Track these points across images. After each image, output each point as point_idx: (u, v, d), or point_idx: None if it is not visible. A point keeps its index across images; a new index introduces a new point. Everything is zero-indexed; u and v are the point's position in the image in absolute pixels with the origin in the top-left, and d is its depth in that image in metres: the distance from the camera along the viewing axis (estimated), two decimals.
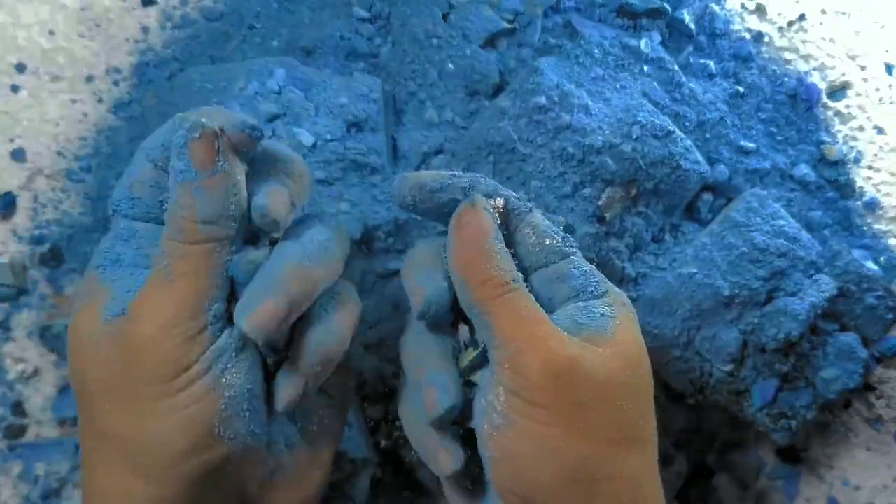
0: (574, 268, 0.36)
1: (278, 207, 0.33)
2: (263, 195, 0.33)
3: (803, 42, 0.53)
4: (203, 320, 0.32)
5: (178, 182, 0.32)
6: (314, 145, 0.45)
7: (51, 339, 0.47)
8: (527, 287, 0.35)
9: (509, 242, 0.36)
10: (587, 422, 0.33)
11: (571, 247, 0.37)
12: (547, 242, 0.36)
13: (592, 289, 0.36)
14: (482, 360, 0.36)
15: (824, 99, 0.52)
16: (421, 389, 0.35)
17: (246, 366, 0.33)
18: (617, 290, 0.37)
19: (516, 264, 0.35)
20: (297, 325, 0.34)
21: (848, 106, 0.52)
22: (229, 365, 0.32)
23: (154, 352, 0.31)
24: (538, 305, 0.34)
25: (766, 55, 0.52)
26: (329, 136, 0.45)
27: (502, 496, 0.34)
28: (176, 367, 0.31)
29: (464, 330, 0.37)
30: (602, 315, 0.35)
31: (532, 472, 0.33)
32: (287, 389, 0.33)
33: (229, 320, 0.33)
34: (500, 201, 0.36)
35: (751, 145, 0.50)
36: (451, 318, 0.37)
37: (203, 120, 0.32)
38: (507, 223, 0.36)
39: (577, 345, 0.33)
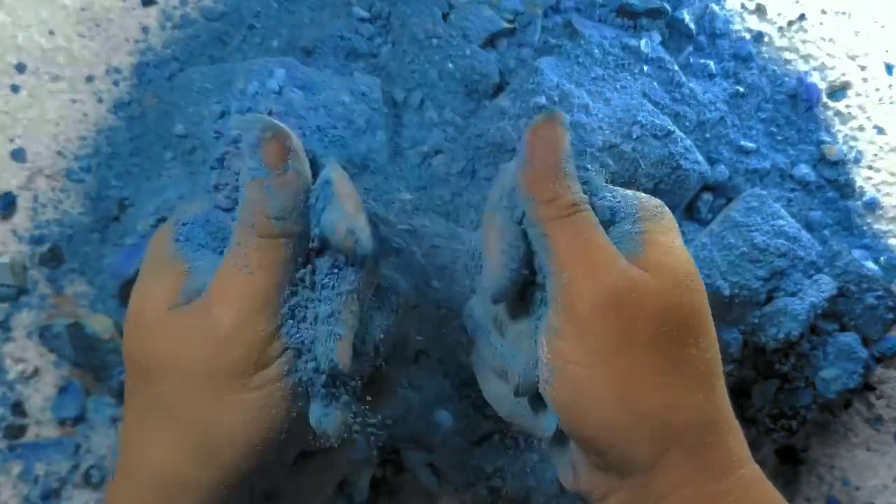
0: (610, 192, 0.35)
1: (365, 231, 0.33)
2: (347, 216, 0.33)
3: (803, 42, 0.53)
4: (279, 318, 0.32)
5: (250, 178, 0.32)
6: (315, 145, 0.45)
7: (50, 339, 0.47)
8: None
9: None
10: (634, 349, 0.32)
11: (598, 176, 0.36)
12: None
13: (625, 210, 0.35)
14: None
15: (824, 99, 0.52)
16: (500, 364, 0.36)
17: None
18: (645, 197, 0.36)
19: None
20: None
21: (848, 106, 0.52)
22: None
23: (235, 343, 0.31)
24: (602, 230, 0.33)
25: (766, 55, 0.52)
26: (329, 137, 0.45)
27: (577, 443, 0.34)
28: (256, 364, 0.31)
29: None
30: (632, 234, 0.34)
31: (594, 417, 0.32)
32: (340, 345, 0.33)
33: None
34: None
35: (751, 145, 0.50)
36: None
37: (276, 121, 0.33)
38: None
39: (630, 271, 0.32)
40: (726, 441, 0.33)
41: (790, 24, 0.53)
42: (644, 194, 0.36)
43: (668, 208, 0.36)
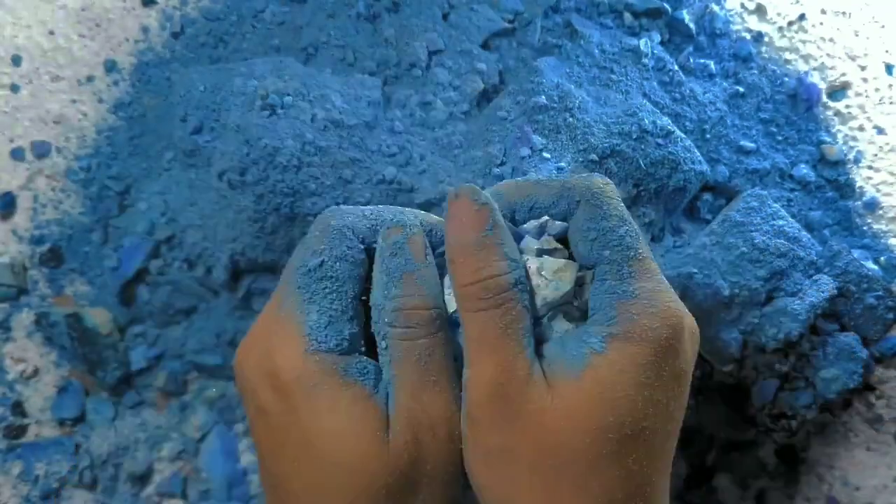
0: (601, 280, 0.32)
1: None
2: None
3: (803, 42, 0.53)
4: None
5: (403, 272, 0.32)
6: (315, 145, 0.45)
7: (47, 327, 0.47)
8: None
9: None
10: (512, 473, 0.30)
11: (618, 250, 0.32)
12: (591, 237, 0.32)
13: (605, 311, 0.31)
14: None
15: (824, 99, 0.52)
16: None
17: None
18: (639, 308, 0.31)
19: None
20: None
21: (848, 106, 0.52)
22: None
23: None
24: (522, 328, 0.30)
25: (766, 55, 0.52)
26: (329, 137, 0.45)
27: None
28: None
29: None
30: (585, 352, 0.30)
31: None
32: None
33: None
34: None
35: (751, 145, 0.50)
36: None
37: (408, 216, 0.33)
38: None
39: (532, 385, 0.30)
40: None
41: (790, 24, 0.53)
42: (645, 300, 0.31)
43: (666, 331, 0.31)
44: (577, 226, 0.33)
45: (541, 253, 0.33)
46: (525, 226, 0.34)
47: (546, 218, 0.34)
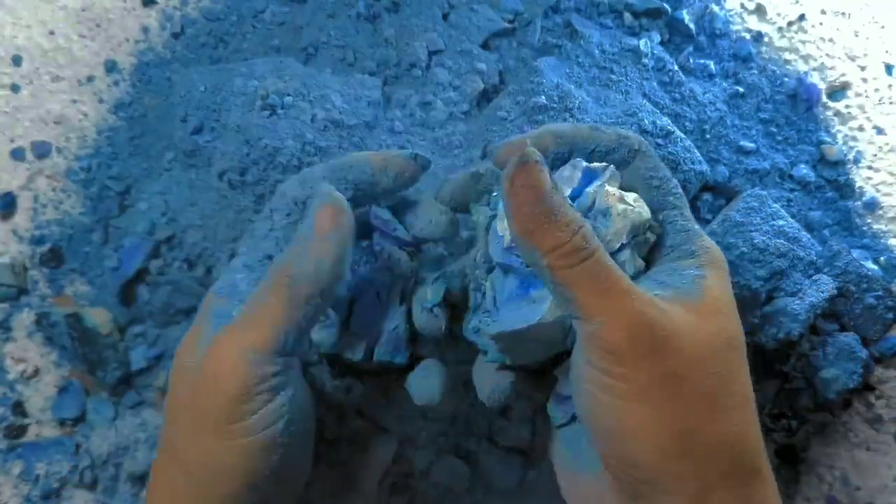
0: (671, 222, 0.36)
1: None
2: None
3: (803, 42, 0.53)
4: (267, 373, 0.33)
5: (296, 236, 0.34)
6: (315, 145, 0.45)
7: (47, 326, 0.47)
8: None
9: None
10: (680, 393, 0.31)
11: (678, 197, 0.36)
12: (654, 184, 0.36)
13: (687, 246, 0.35)
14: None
15: (824, 99, 0.52)
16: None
17: (302, 426, 0.35)
18: (709, 242, 0.36)
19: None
20: None
21: (848, 106, 0.52)
22: (283, 424, 0.33)
23: (217, 392, 0.32)
24: (619, 270, 0.32)
25: (765, 55, 0.52)
26: (329, 137, 0.45)
27: (608, 470, 0.34)
28: (235, 414, 0.32)
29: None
30: (693, 277, 0.34)
31: (631, 447, 0.32)
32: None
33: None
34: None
35: (750, 145, 0.50)
36: None
37: (339, 195, 0.34)
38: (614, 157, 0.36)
39: (665, 314, 0.31)
40: (767, 490, 0.33)
41: (790, 24, 0.53)
42: (707, 237, 0.36)
43: (726, 260, 0.36)
44: (640, 174, 0.36)
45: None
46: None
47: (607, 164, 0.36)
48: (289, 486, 0.36)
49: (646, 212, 0.34)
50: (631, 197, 0.35)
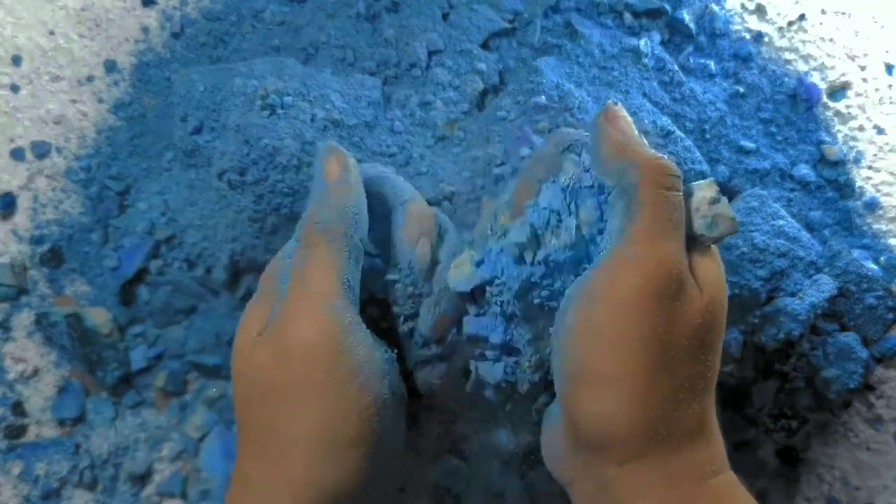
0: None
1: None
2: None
3: (803, 42, 0.53)
4: (348, 317, 0.34)
5: (312, 193, 0.37)
6: (314, 146, 0.45)
7: (47, 326, 0.47)
8: None
9: None
10: (663, 359, 0.32)
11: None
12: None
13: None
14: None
15: (824, 99, 0.52)
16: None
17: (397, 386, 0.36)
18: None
19: None
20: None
21: (848, 106, 0.52)
22: (388, 383, 0.35)
23: (316, 354, 0.33)
24: (682, 223, 0.33)
25: (766, 55, 0.52)
26: (329, 137, 0.45)
27: (566, 417, 0.34)
28: (342, 370, 0.33)
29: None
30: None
31: (596, 397, 0.32)
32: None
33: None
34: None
35: (751, 145, 0.50)
36: None
37: (336, 144, 0.38)
38: None
39: (692, 277, 0.33)
40: (705, 450, 0.33)
41: (790, 24, 0.53)
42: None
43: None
44: None
45: None
46: None
47: None
48: (390, 454, 0.36)
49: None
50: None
